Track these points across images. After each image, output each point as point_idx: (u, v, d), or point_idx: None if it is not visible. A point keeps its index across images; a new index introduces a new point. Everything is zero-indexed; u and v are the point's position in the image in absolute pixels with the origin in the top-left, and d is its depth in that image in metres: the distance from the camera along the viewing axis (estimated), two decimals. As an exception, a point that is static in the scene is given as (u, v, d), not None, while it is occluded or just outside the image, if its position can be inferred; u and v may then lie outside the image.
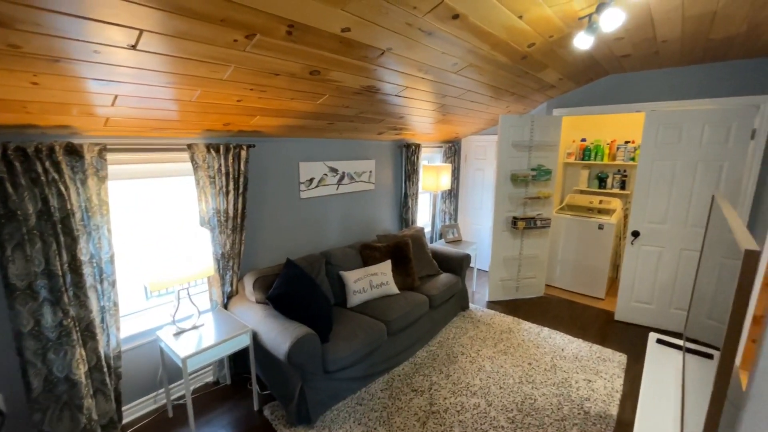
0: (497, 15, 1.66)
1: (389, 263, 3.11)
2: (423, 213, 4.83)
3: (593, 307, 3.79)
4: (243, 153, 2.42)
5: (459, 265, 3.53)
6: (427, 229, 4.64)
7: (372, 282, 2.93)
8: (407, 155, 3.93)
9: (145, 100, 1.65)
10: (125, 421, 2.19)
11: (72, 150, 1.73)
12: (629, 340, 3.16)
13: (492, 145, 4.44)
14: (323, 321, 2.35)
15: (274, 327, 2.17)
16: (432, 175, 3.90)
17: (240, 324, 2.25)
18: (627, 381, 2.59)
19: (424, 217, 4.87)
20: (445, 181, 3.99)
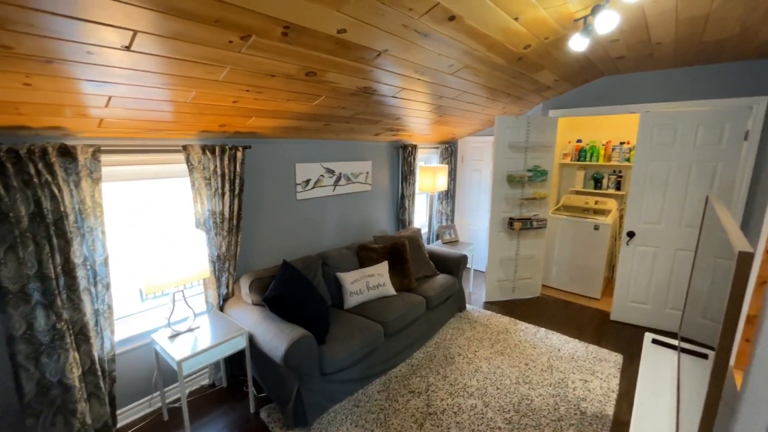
0: (493, 17, 1.66)
1: (386, 264, 3.10)
2: (420, 214, 4.83)
3: (589, 308, 3.81)
4: (239, 154, 2.41)
5: (456, 266, 3.53)
6: (424, 230, 4.64)
7: (369, 283, 2.92)
8: (404, 156, 3.93)
9: (140, 101, 1.64)
10: (120, 425, 2.17)
11: (65, 151, 1.71)
12: (625, 340, 3.18)
13: (488, 146, 4.45)
14: (320, 323, 2.34)
15: (270, 329, 2.16)
16: (429, 176, 3.91)
17: (236, 326, 2.24)
18: (623, 381, 2.60)
19: (420, 218, 4.87)
20: (442, 182, 3.99)
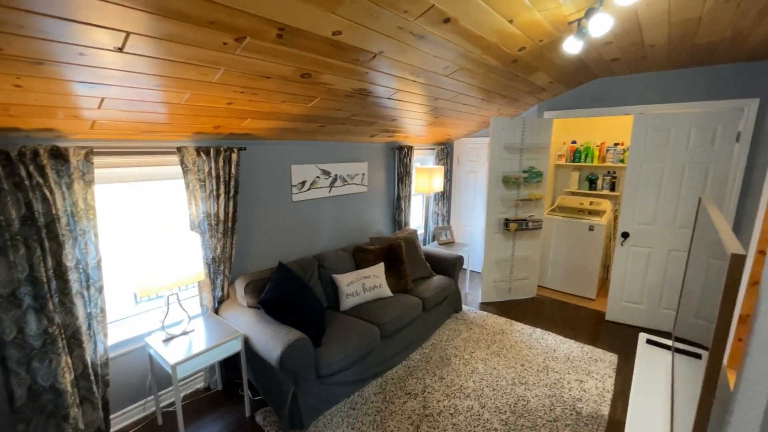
0: (488, 19, 1.67)
1: (382, 266, 3.10)
2: (416, 215, 4.84)
3: (584, 308, 3.83)
4: (234, 156, 2.39)
5: (452, 267, 3.54)
6: (420, 231, 4.64)
7: (365, 285, 2.92)
8: (400, 157, 3.93)
9: (133, 102, 1.63)
10: (113, 430, 2.15)
11: (57, 153, 1.69)
12: (620, 340, 3.19)
13: (484, 147, 4.47)
14: (316, 325, 2.33)
15: (266, 332, 2.14)
16: (425, 177, 3.91)
17: (231, 329, 2.22)
18: (618, 381, 2.62)
19: (417, 220, 4.87)
20: (438, 183, 4.00)
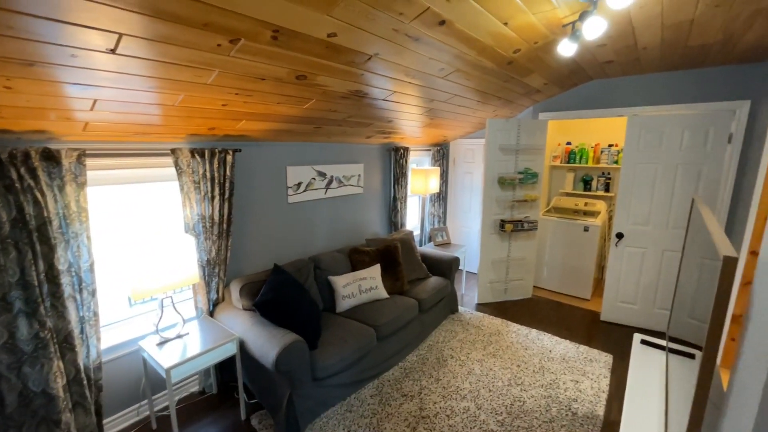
0: (483, 21, 1.67)
1: (378, 267, 3.10)
2: (412, 216, 4.84)
3: (580, 308, 3.85)
4: (229, 158, 2.38)
5: (448, 268, 3.54)
6: (416, 233, 4.64)
7: (361, 287, 2.91)
8: (396, 158, 3.93)
9: (126, 104, 1.61)
10: (106, 435, 2.13)
11: (49, 156, 1.67)
12: (614, 340, 3.22)
13: (480, 149, 4.48)
14: (312, 327, 2.33)
15: (261, 334, 2.13)
16: (421, 179, 3.91)
17: (226, 332, 2.21)
18: (613, 381, 2.63)
19: (413, 221, 4.87)
20: (434, 185, 4.00)
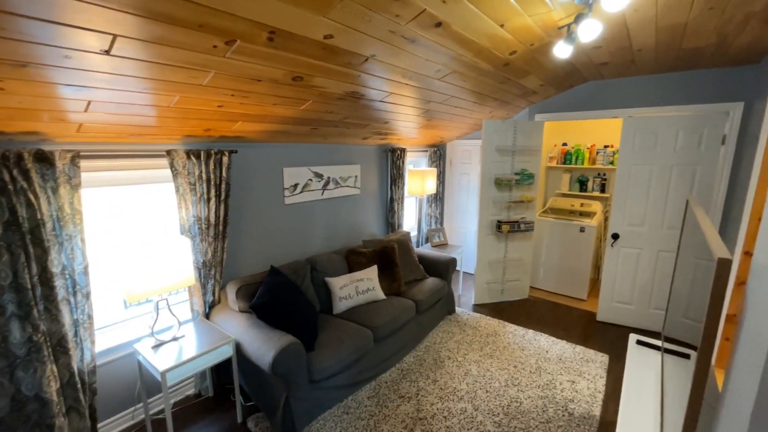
0: (479, 23, 1.68)
1: (375, 268, 3.09)
2: (409, 217, 4.84)
3: (576, 308, 3.86)
4: (225, 159, 2.37)
5: (445, 269, 3.54)
6: (414, 234, 4.64)
7: (358, 288, 2.91)
8: (393, 160, 3.93)
9: (121, 105, 1.60)
10: (101, 439, 2.11)
11: (42, 157, 1.65)
12: (611, 340, 3.23)
13: (476, 150, 4.49)
14: (308, 329, 2.32)
15: (257, 337, 2.12)
16: (417, 180, 3.92)
17: (222, 334, 2.19)
18: (609, 381, 2.64)
19: (410, 222, 4.87)
20: (431, 186, 4.01)
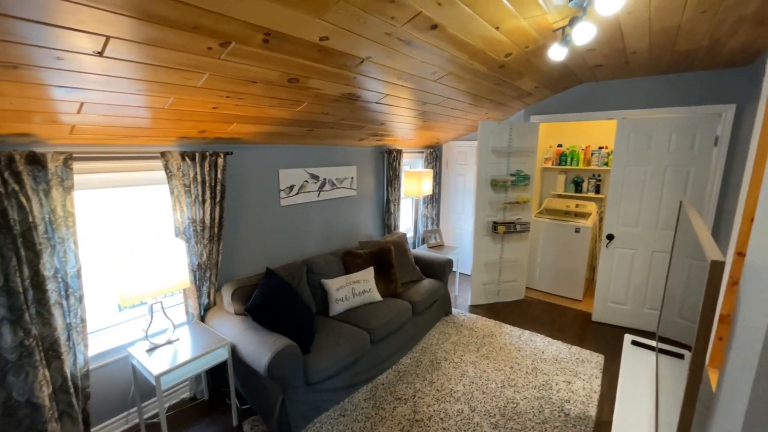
0: (475, 26, 1.68)
1: (372, 270, 3.09)
2: (405, 218, 4.84)
3: (571, 309, 3.88)
4: (220, 161, 2.36)
5: (441, 270, 3.55)
6: (410, 235, 4.65)
7: (354, 289, 2.90)
8: (389, 161, 3.93)
9: (115, 107, 1.59)
10: (94, 444, 2.08)
11: (34, 159, 1.63)
12: (606, 340, 3.25)
13: (472, 151, 4.50)
14: (304, 331, 2.31)
15: (253, 339, 2.11)
16: (414, 181, 3.92)
17: (218, 337, 2.18)
18: (604, 381, 2.66)
19: (406, 223, 4.88)
20: (427, 187, 4.01)
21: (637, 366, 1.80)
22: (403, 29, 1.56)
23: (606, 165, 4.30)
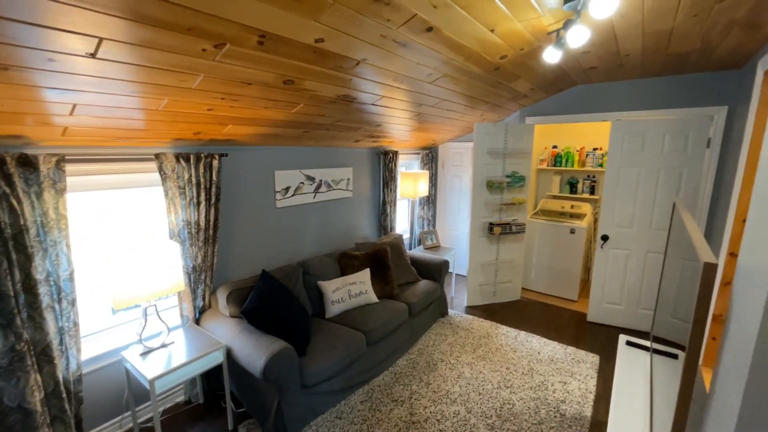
0: (470, 28, 1.69)
1: (368, 272, 3.09)
2: (401, 220, 4.85)
3: (567, 309, 3.90)
4: (215, 162, 2.34)
5: (438, 272, 3.55)
6: (406, 236, 4.65)
7: (350, 291, 2.89)
8: (385, 162, 3.93)
9: (108, 109, 1.57)
10: (87, 449, 2.05)
11: (25, 161, 1.61)
12: (601, 340, 3.27)
13: (468, 152, 4.52)
14: (300, 334, 2.30)
15: (249, 342, 2.10)
16: (410, 182, 3.92)
17: (213, 340, 2.16)
18: (600, 381, 2.67)
19: (402, 224, 4.88)
20: (423, 188, 4.02)
21: (632, 366, 1.82)
22: (399, 31, 1.56)
23: (600, 166, 4.33)
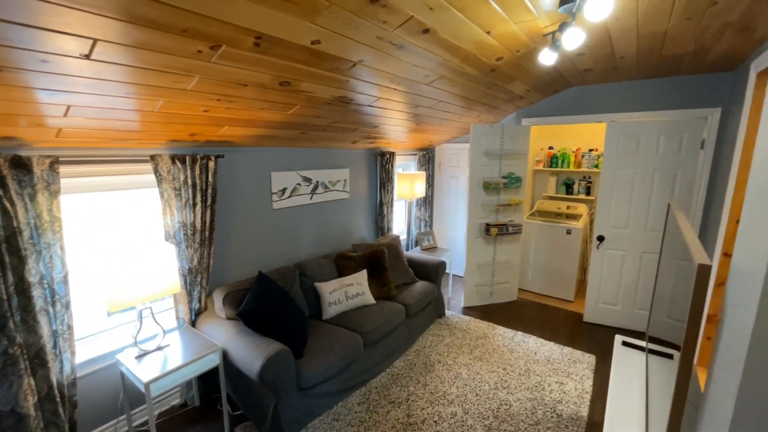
0: (466, 30, 1.69)
1: (365, 273, 3.08)
2: (398, 221, 4.85)
3: (563, 309, 3.91)
4: (211, 164, 2.33)
5: (435, 273, 3.55)
6: (403, 237, 4.65)
7: (347, 293, 2.89)
8: (382, 163, 3.93)
9: (102, 110, 1.56)
10: (82, 453, 2.03)
11: (19, 163, 1.60)
12: (597, 340, 3.28)
13: (465, 153, 4.53)
14: (297, 335, 2.29)
15: (245, 344, 2.09)
16: (407, 183, 3.93)
17: (209, 342, 2.15)
18: (596, 381, 2.68)
19: (399, 225, 4.88)
20: (420, 189, 4.02)
21: (628, 366, 1.82)
22: (395, 33, 1.57)
23: (596, 167, 4.36)
